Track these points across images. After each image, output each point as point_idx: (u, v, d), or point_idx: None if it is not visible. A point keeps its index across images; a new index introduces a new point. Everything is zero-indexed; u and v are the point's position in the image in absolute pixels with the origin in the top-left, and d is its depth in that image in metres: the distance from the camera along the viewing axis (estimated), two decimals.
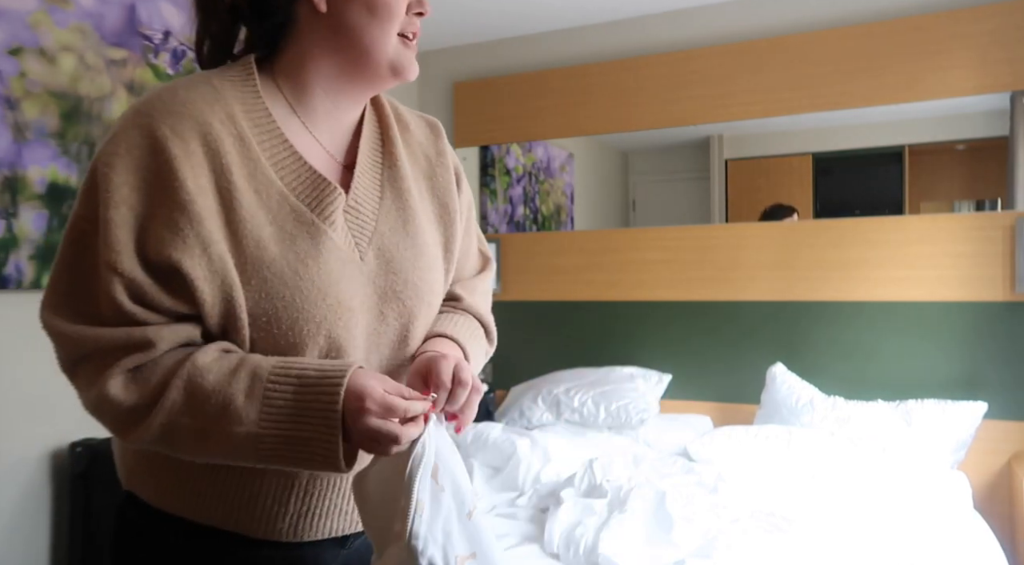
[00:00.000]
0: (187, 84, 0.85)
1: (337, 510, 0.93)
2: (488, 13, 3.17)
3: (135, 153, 0.80)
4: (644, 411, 2.74)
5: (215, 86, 0.85)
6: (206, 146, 0.81)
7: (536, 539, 1.77)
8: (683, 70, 3.08)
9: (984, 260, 2.62)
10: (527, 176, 3.48)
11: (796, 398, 2.63)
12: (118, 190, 0.79)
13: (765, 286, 2.94)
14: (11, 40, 1.96)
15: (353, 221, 0.90)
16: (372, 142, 0.97)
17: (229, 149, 0.82)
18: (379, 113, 1.00)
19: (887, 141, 2.90)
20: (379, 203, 0.93)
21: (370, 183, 0.94)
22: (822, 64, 2.85)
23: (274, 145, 0.87)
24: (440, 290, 0.99)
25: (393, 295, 0.92)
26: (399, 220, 0.94)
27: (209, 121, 0.82)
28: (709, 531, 1.76)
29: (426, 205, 0.98)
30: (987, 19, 2.62)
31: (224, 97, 0.85)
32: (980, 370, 2.63)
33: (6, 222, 1.97)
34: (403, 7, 0.88)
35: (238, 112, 0.85)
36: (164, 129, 0.80)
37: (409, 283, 0.93)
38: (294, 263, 0.84)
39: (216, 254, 0.80)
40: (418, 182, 0.99)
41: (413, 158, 1.00)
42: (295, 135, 0.90)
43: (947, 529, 1.89)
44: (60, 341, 0.83)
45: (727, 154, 3.17)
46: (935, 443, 2.41)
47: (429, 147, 1.02)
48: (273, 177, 0.85)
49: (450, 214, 1.00)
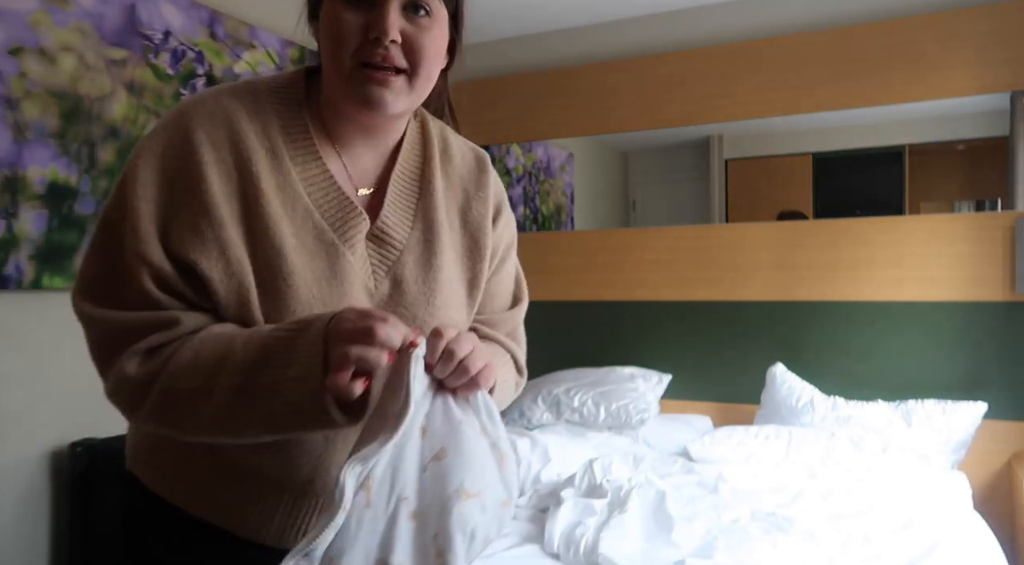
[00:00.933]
0: (233, 91, 0.88)
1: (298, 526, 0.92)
2: (488, 13, 3.16)
3: (169, 152, 0.83)
4: (644, 411, 2.74)
5: (259, 97, 0.88)
6: (237, 155, 0.84)
7: (536, 539, 1.77)
8: (683, 70, 3.08)
9: (984, 260, 2.62)
10: (527, 176, 3.48)
11: (796, 398, 2.63)
12: (146, 185, 0.81)
13: (765, 286, 2.94)
14: (11, 40, 1.96)
15: (376, 249, 0.90)
16: (410, 169, 0.95)
17: (260, 160, 0.84)
18: (424, 140, 0.98)
19: (887, 141, 2.90)
20: (409, 232, 0.92)
21: (402, 211, 0.93)
22: (822, 64, 2.85)
23: (307, 161, 0.88)
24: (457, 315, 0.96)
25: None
26: (425, 252, 0.92)
27: (244, 131, 0.85)
28: (709, 531, 1.76)
29: (456, 238, 0.96)
30: (987, 19, 2.61)
31: (264, 109, 0.88)
32: (980, 370, 2.63)
33: (6, 222, 1.97)
34: (352, 30, 0.82)
35: (275, 126, 0.87)
36: (200, 133, 0.83)
37: (418, 319, 0.91)
38: (309, 280, 0.84)
39: (235, 257, 0.82)
40: (451, 214, 0.96)
41: (451, 189, 0.98)
42: (329, 156, 0.90)
43: (947, 529, 1.89)
44: (89, 325, 0.84)
45: (727, 154, 3.17)
46: (935, 443, 2.41)
47: (470, 180, 1.00)
48: (301, 192, 0.86)
49: (480, 250, 0.97)
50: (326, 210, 0.87)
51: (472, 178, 1.00)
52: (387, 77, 0.83)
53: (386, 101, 0.84)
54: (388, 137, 0.94)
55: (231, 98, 0.86)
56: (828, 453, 2.36)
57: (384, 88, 0.83)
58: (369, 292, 0.88)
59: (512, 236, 1.05)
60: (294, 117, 0.88)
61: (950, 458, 2.45)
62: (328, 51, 0.85)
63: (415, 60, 0.85)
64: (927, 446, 2.41)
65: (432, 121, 1.01)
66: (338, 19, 0.83)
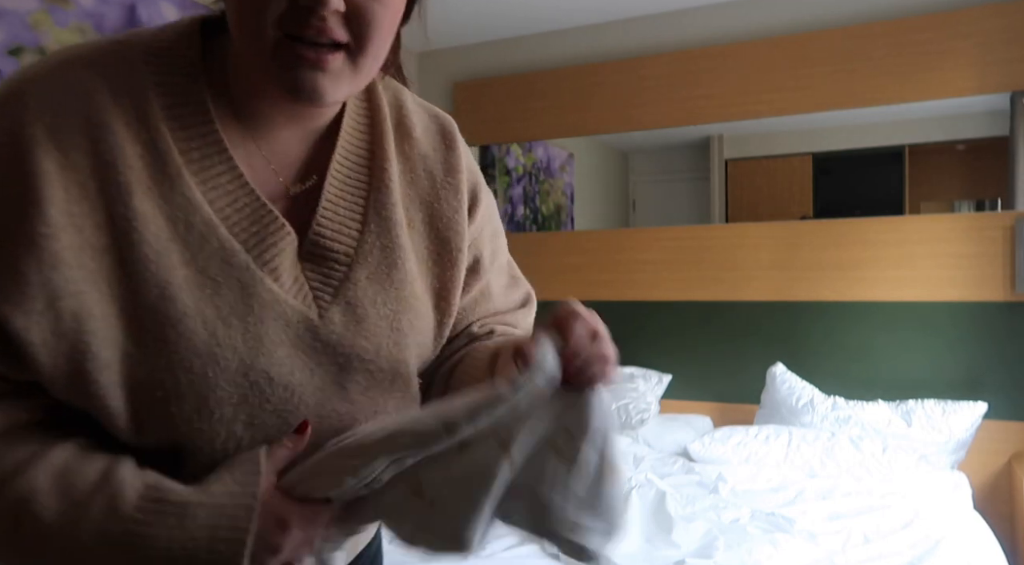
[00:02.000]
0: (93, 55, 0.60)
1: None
2: (488, 13, 3.17)
3: None
4: (644, 411, 2.74)
5: (133, 62, 0.61)
6: (96, 157, 0.57)
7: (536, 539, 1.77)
8: (683, 70, 3.08)
9: (984, 260, 2.62)
10: (527, 176, 3.48)
11: (796, 398, 2.63)
12: None
13: (765, 286, 2.94)
14: (11, 40, 1.96)
15: (316, 268, 0.66)
16: (355, 156, 0.70)
17: (133, 163, 0.58)
18: (372, 110, 0.73)
19: (887, 141, 2.90)
20: (357, 240, 0.68)
21: (346, 213, 0.68)
22: (822, 64, 2.85)
23: (206, 156, 0.62)
24: (427, 353, 0.75)
25: (360, 365, 0.67)
26: (383, 264, 0.69)
27: (107, 121, 0.58)
28: (709, 531, 1.76)
29: (420, 241, 0.73)
30: (987, 19, 2.61)
31: (141, 81, 0.60)
32: (980, 370, 2.63)
33: None
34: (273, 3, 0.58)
35: (158, 106, 0.60)
36: (36, 128, 0.56)
37: (382, 351, 0.68)
38: (212, 322, 0.60)
39: (69, 310, 0.56)
40: (413, 210, 0.73)
41: (411, 176, 0.73)
42: (238, 145, 0.64)
43: (947, 529, 1.89)
44: None
45: (727, 154, 3.17)
46: (935, 443, 2.41)
47: (436, 162, 0.75)
48: (199, 200, 0.61)
49: (451, 253, 0.74)
50: (235, 222, 0.62)
51: (439, 158, 0.76)
52: (323, 56, 0.59)
53: (321, 88, 0.60)
54: (321, 117, 0.69)
55: (90, 67, 0.59)
56: (828, 453, 2.36)
57: (319, 71, 0.59)
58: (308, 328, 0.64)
59: (496, 224, 0.83)
60: (185, 93, 0.62)
61: (950, 458, 2.45)
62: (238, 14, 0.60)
63: (362, 33, 0.60)
64: (927, 446, 2.41)
65: (382, 82, 0.74)
66: None
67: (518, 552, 1.70)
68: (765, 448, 2.42)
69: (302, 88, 0.60)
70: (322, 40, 0.59)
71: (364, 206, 0.69)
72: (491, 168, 3.50)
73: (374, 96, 0.73)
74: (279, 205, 0.66)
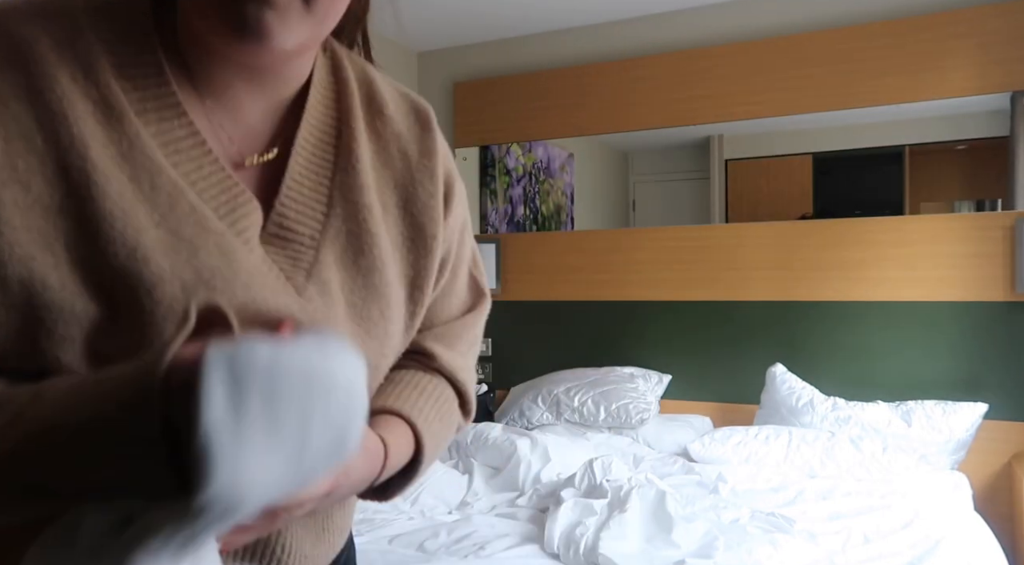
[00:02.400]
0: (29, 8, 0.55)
1: None
2: (488, 13, 3.17)
3: None
4: (644, 411, 2.74)
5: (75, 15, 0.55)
6: (42, 108, 0.52)
7: (536, 539, 1.77)
8: (683, 70, 3.08)
9: (984, 260, 2.62)
10: (527, 176, 3.48)
11: (796, 398, 2.63)
12: None
13: (765, 286, 2.94)
14: None
15: (278, 250, 0.60)
16: (321, 132, 0.65)
17: (82, 114, 0.53)
18: (339, 85, 0.67)
19: (887, 141, 2.90)
20: (323, 223, 0.63)
21: (311, 194, 0.63)
22: (822, 64, 2.85)
23: (164, 118, 0.56)
24: (397, 344, 0.69)
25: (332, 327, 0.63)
26: (349, 250, 0.64)
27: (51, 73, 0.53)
28: (709, 531, 1.76)
29: (394, 226, 0.68)
30: (987, 19, 2.61)
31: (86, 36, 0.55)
32: (980, 370, 2.63)
33: None
34: None
35: (106, 65, 0.54)
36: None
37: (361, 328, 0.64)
38: (193, 286, 0.54)
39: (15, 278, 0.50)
40: (386, 193, 0.67)
41: (384, 156, 0.68)
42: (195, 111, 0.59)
43: (947, 529, 1.89)
44: None
45: (727, 154, 3.17)
46: (935, 443, 2.41)
47: (411, 142, 0.70)
48: (161, 161, 0.55)
49: (426, 240, 0.69)
50: (202, 188, 0.56)
51: (414, 138, 0.70)
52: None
53: (267, 24, 0.53)
54: (284, 84, 0.63)
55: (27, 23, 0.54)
56: (828, 453, 2.36)
57: (267, 7, 0.53)
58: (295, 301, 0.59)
59: (466, 216, 0.77)
60: (138, 51, 0.56)
61: (950, 458, 2.45)
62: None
63: None
64: (927, 446, 2.41)
65: (349, 58, 0.70)
66: None
67: (518, 552, 1.70)
68: (765, 448, 2.42)
69: (247, 23, 0.52)
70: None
71: (330, 188, 0.63)
72: (491, 168, 3.50)
73: (341, 71, 0.67)
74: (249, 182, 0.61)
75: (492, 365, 3.45)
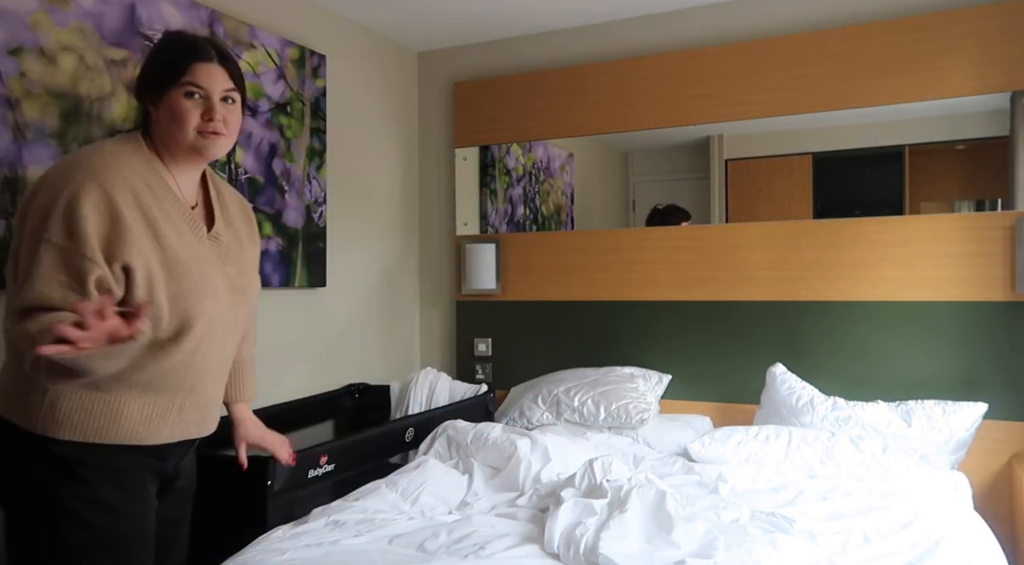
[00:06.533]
0: (114, 153, 1.40)
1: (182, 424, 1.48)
2: (488, 13, 3.17)
3: (93, 199, 1.31)
4: (644, 411, 2.74)
5: (129, 155, 1.41)
6: (132, 192, 1.37)
7: (536, 539, 1.77)
8: (683, 70, 3.08)
9: (984, 260, 2.62)
10: (527, 176, 3.48)
11: (796, 398, 2.63)
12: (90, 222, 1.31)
13: (765, 286, 2.94)
14: (11, 40, 1.96)
15: (216, 243, 1.52)
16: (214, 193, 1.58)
17: (145, 194, 1.39)
18: (211, 177, 1.61)
19: (887, 141, 2.89)
20: (226, 232, 1.56)
21: (221, 219, 1.56)
22: (822, 64, 2.85)
23: (166, 192, 1.44)
24: (259, 284, 1.67)
25: (240, 289, 1.56)
26: (237, 245, 1.59)
27: (129, 179, 1.38)
28: (709, 531, 1.76)
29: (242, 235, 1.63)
30: (987, 19, 2.62)
31: (133, 162, 1.41)
32: (980, 370, 2.63)
33: (6, 222, 1.97)
34: (194, 117, 1.42)
35: (145, 172, 1.42)
36: (108, 184, 1.34)
37: (249, 284, 1.61)
38: (194, 264, 1.44)
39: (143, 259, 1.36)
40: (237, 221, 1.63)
41: (231, 204, 1.63)
42: (173, 186, 1.47)
43: (947, 529, 1.89)
44: None
45: (727, 154, 3.17)
46: (935, 443, 2.41)
47: (240, 208, 1.67)
48: (171, 211, 1.44)
49: (255, 243, 1.69)
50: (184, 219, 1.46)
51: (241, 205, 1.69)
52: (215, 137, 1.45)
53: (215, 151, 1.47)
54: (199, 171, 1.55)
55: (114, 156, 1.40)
56: (828, 453, 2.36)
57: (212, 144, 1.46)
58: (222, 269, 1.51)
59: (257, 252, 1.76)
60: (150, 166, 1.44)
61: (950, 458, 2.45)
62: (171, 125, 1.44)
63: (230, 128, 1.48)
64: (927, 446, 2.41)
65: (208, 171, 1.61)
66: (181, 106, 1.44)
67: (518, 552, 1.70)
68: (765, 448, 2.42)
69: (205, 150, 1.46)
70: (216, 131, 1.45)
71: (223, 217, 1.58)
72: (491, 168, 3.50)
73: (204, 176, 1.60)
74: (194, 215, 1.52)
75: (492, 365, 3.45)
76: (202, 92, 1.42)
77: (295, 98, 2.88)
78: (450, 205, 3.59)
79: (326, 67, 3.04)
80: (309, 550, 1.67)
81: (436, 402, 2.98)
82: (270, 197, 2.77)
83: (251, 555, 1.65)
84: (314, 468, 2.07)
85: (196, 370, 1.47)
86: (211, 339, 1.48)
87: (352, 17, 3.21)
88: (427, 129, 3.65)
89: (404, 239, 3.61)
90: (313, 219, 2.97)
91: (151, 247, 1.36)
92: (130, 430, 1.40)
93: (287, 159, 2.85)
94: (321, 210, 3.01)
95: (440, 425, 2.51)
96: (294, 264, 2.88)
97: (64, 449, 1.36)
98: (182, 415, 1.47)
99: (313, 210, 2.97)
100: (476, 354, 3.49)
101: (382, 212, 3.46)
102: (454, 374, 3.53)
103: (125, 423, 1.39)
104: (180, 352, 1.42)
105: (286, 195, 2.84)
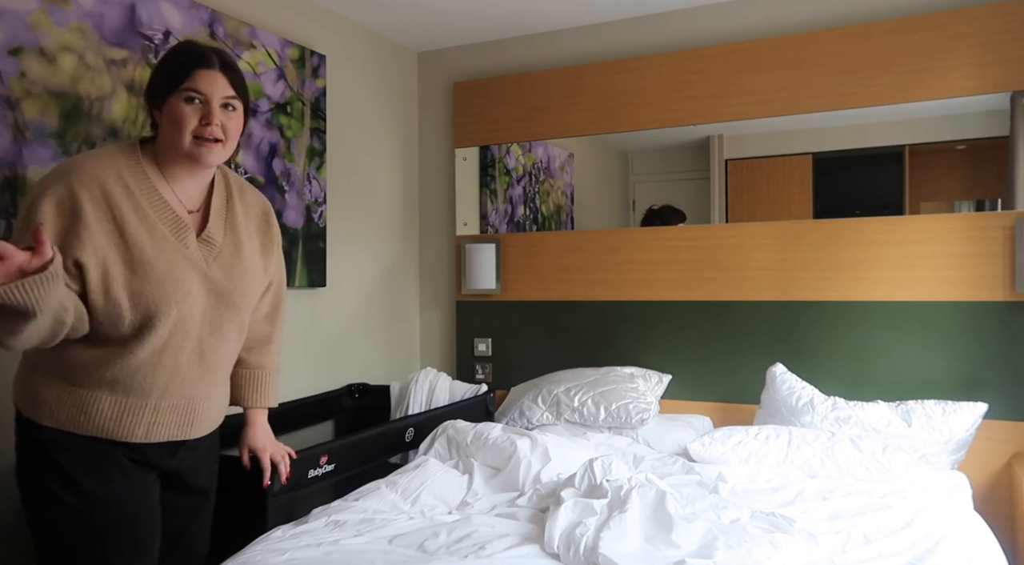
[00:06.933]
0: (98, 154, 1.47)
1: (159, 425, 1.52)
2: (487, 14, 3.17)
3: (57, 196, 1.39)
4: (644, 411, 2.74)
5: (114, 157, 1.47)
6: (102, 191, 1.43)
7: (536, 539, 1.77)
8: (683, 70, 3.08)
9: (984, 260, 2.62)
10: (527, 176, 3.48)
11: (796, 398, 2.63)
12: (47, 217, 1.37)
13: (765, 286, 2.94)
14: (11, 40, 1.97)
15: (206, 246, 1.55)
16: (221, 199, 1.62)
17: (122, 203, 1.45)
18: (226, 181, 1.65)
19: (887, 141, 2.89)
20: (223, 237, 1.60)
21: (218, 224, 1.59)
22: (822, 64, 2.85)
23: (149, 193, 1.49)
24: (258, 290, 1.68)
25: (226, 293, 1.57)
26: (234, 250, 1.61)
27: (102, 179, 1.44)
28: (709, 531, 1.76)
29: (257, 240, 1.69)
30: (987, 19, 2.62)
31: (117, 163, 1.47)
32: (980, 370, 2.63)
33: (6, 222, 1.97)
34: (191, 121, 1.47)
35: (126, 173, 1.47)
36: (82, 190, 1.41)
37: (236, 288, 1.60)
38: (162, 264, 1.47)
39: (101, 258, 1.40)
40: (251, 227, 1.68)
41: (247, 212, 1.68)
42: (164, 189, 1.52)
43: (947, 529, 1.89)
44: None
45: (727, 154, 3.17)
46: (935, 443, 2.41)
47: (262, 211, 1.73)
48: (149, 212, 1.47)
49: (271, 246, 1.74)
50: (167, 222, 1.50)
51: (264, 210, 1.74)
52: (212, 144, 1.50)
53: (210, 159, 1.50)
54: (205, 176, 1.58)
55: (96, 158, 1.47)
56: (828, 453, 2.36)
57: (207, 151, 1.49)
58: (203, 272, 1.53)
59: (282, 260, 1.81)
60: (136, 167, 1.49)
61: (950, 458, 2.45)
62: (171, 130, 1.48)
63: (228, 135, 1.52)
64: (927, 446, 2.41)
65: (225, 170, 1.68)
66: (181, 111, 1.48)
67: (518, 552, 1.70)
68: (765, 448, 2.42)
69: (201, 157, 1.50)
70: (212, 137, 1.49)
71: (225, 222, 1.61)
72: (491, 168, 3.50)
73: (225, 174, 1.67)
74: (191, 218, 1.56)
75: (492, 365, 3.45)
76: (202, 97, 1.46)
77: (295, 98, 2.88)
78: (450, 205, 3.60)
79: (326, 67, 3.04)
80: (309, 550, 1.67)
81: (436, 402, 2.97)
82: (270, 197, 2.77)
83: (251, 555, 1.65)
84: (314, 468, 2.07)
85: (167, 370, 1.50)
86: (182, 340, 1.51)
87: (352, 17, 3.21)
88: (427, 129, 3.66)
89: (404, 239, 3.61)
90: (313, 219, 2.97)
91: (115, 245, 1.41)
92: (100, 425, 1.46)
93: (287, 159, 2.85)
94: (321, 210, 3.01)
95: (440, 425, 2.51)
96: (294, 264, 2.88)
97: (44, 435, 1.45)
98: (157, 416, 1.51)
99: (313, 210, 2.97)
100: (476, 354, 3.49)
101: (382, 212, 3.46)
102: (454, 374, 3.53)
103: (96, 417, 1.45)
104: (143, 350, 1.46)
105: (286, 195, 2.84)
